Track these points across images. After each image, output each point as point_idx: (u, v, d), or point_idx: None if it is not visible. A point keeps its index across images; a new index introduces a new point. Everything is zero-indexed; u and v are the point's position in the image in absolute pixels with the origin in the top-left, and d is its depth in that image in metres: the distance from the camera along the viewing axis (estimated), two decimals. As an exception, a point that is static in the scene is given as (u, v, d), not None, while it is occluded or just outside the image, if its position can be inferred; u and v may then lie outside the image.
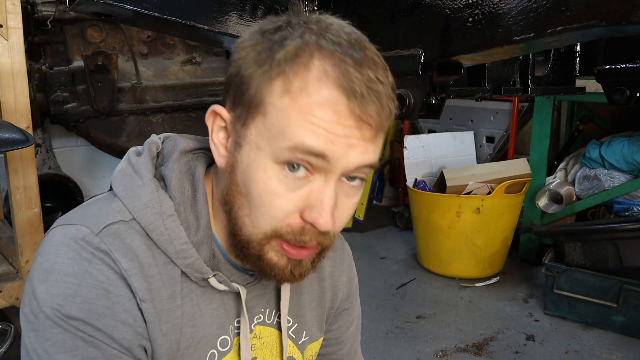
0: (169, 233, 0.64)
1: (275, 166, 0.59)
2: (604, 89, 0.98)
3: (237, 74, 0.61)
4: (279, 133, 0.58)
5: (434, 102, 0.77)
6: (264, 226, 0.61)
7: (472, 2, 0.63)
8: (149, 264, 0.63)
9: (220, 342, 0.71)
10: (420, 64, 0.72)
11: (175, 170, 0.67)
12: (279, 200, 0.59)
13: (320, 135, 0.56)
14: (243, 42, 0.62)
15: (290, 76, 0.57)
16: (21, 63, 1.93)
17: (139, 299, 0.61)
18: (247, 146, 0.61)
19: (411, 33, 0.73)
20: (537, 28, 0.56)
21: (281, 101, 0.58)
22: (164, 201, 0.65)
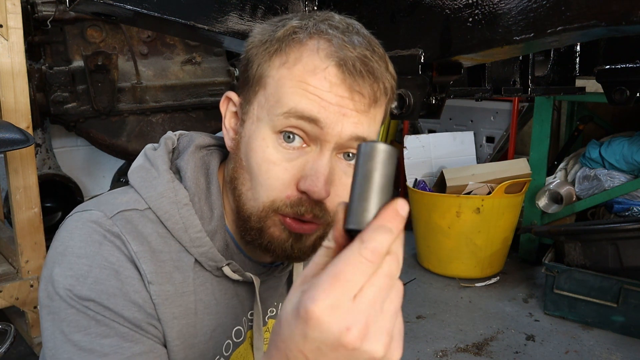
0: (184, 222, 0.66)
1: (273, 135, 0.62)
2: (604, 89, 0.97)
3: (245, 57, 0.66)
4: (276, 102, 0.61)
5: (434, 102, 0.77)
6: (262, 198, 0.63)
7: (472, 2, 0.63)
8: (161, 250, 0.64)
9: (235, 332, 0.72)
10: (420, 64, 0.72)
11: (191, 163, 0.69)
12: (275, 168, 0.62)
13: (313, 101, 0.59)
14: (253, 31, 0.66)
15: (287, 50, 0.61)
16: (21, 63, 1.93)
17: (147, 281, 0.62)
18: (250, 120, 0.64)
19: (411, 33, 0.73)
20: (537, 28, 0.56)
21: (279, 72, 0.62)
22: (179, 191, 0.67)
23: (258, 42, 0.64)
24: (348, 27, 0.62)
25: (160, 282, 0.63)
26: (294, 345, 0.42)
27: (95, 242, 0.62)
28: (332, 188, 0.62)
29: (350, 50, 0.59)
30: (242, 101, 0.67)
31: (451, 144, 3.45)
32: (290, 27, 0.62)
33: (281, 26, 0.63)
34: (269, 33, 0.64)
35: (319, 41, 0.61)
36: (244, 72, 0.66)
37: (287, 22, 0.63)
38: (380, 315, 0.42)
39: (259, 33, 0.65)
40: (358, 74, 0.59)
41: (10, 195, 1.99)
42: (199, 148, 0.72)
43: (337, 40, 0.60)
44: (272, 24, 0.65)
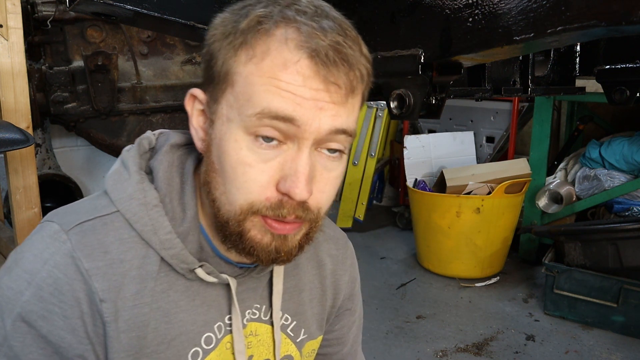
0: (152, 223, 0.63)
1: (247, 137, 0.58)
2: (604, 89, 0.97)
3: (208, 52, 0.61)
4: (247, 101, 0.57)
5: (434, 102, 0.77)
6: (239, 201, 0.59)
7: (472, 2, 0.63)
8: (120, 259, 0.62)
9: (205, 339, 0.69)
10: (420, 64, 0.71)
11: (164, 162, 0.67)
12: (251, 170, 0.58)
13: (287, 98, 0.56)
14: (214, 22, 0.62)
15: (253, 43, 0.57)
16: (21, 63, 1.93)
17: (98, 299, 0.60)
18: (219, 121, 0.60)
19: (411, 33, 0.73)
20: (537, 28, 0.56)
21: (246, 68, 0.57)
22: (148, 192, 0.64)
23: (220, 34, 0.60)
24: (317, 11, 0.58)
25: (113, 298, 0.61)
26: None
27: (44, 259, 0.60)
28: (314, 185, 0.60)
29: (321, 38, 0.55)
30: (208, 99, 0.62)
31: (451, 144, 3.45)
32: (254, 16, 0.57)
33: (244, 15, 0.58)
34: (232, 24, 0.59)
35: (286, 30, 0.56)
36: (208, 67, 0.62)
37: (251, 11, 0.58)
38: None
39: (221, 24, 0.61)
40: (332, 64, 0.56)
41: (10, 195, 1.99)
42: (175, 147, 0.69)
43: (306, 28, 0.56)
44: (235, 13, 0.60)
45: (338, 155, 0.62)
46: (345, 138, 0.60)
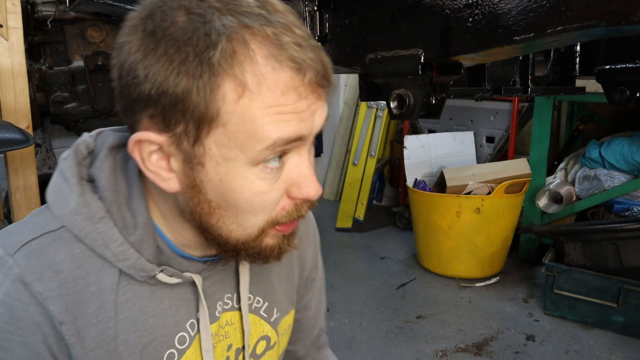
0: (102, 237, 0.60)
1: (254, 169, 0.56)
2: (604, 89, 0.97)
3: (163, 93, 0.53)
4: (250, 137, 0.54)
5: (434, 102, 0.77)
6: (258, 223, 0.60)
7: (472, 2, 0.63)
8: (74, 277, 0.60)
9: (178, 339, 0.68)
10: (420, 64, 0.71)
11: (105, 169, 0.63)
12: (267, 196, 0.58)
13: (292, 121, 0.55)
14: (142, 57, 0.53)
15: (239, 75, 0.52)
16: (21, 63, 1.93)
17: (57, 322, 0.58)
18: (212, 162, 0.56)
19: (411, 33, 0.73)
20: (537, 28, 0.56)
21: (240, 105, 0.53)
22: (92, 204, 0.61)
23: (180, 73, 0.52)
24: (258, 4, 0.54)
25: (72, 319, 0.59)
26: None
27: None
28: None
29: (290, 41, 0.53)
30: (173, 139, 0.56)
31: (451, 144, 3.45)
32: (224, 44, 0.51)
33: (205, 44, 0.51)
34: (196, 59, 0.51)
35: (261, 47, 0.52)
36: (171, 108, 0.54)
37: (211, 38, 0.51)
38: None
39: (164, 58, 0.52)
40: (311, 67, 0.54)
41: (10, 195, 1.99)
42: (114, 149, 0.65)
43: (276, 37, 0.52)
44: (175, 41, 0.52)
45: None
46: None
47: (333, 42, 0.85)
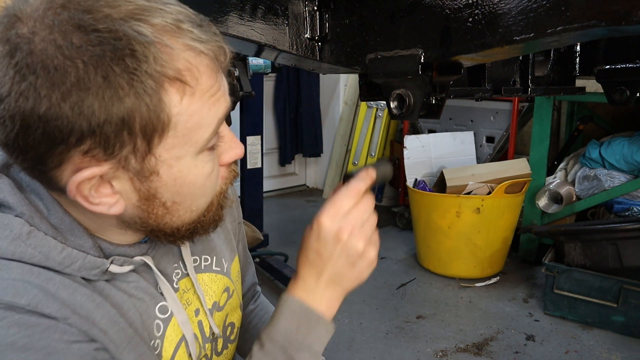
0: (39, 251, 0.56)
1: (202, 155, 0.59)
2: (604, 89, 0.97)
3: (105, 123, 0.49)
4: (198, 129, 0.56)
5: (434, 102, 0.77)
6: (208, 200, 0.64)
7: (472, 2, 0.63)
8: (47, 278, 0.56)
9: (159, 309, 0.68)
10: (420, 64, 0.71)
11: (5, 187, 0.58)
12: (214, 174, 0.62)
13: (221, 99, 0.58)
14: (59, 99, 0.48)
15: (176, 75, 0.52)
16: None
17: (62, 319, 0.56)
18: (164, 167, 0.56)
19: (411, 33, 0.73)
20: (537, 28, 0.56)
21: (184, 103, 0.53)
22: (12, 223, 0.56)
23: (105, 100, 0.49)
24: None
25: (71, 311, 0.57)
26: (310, 245, 0.69)
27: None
28: None
29: (196, 30, 0.54)
30: (114, 165, 0.53)
31: (451, 144, 3.45)
32: (152, 55, 0.50)
33: (128, 56, 0.49)
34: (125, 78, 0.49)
35: (178, 39, 0.52)
36: (114, 135, 0.51)
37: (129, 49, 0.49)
38: (361, 228, 0.69)
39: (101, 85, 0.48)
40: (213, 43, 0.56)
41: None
42: (4, 167, 0.61)
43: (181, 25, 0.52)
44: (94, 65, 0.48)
45: None
46: None
47: (333, 42, 0.85)
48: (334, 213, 0.67)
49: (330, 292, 0.70)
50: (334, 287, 0.70)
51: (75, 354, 0.55)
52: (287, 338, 0.69)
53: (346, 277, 0.70)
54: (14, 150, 0.52)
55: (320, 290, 0.70)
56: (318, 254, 0.69)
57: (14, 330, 0.52)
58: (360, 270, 0.70)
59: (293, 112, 4.60)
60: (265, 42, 0.81)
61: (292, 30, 0.84)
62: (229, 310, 0.84)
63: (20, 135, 0.50)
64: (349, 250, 0.68)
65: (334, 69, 0.90)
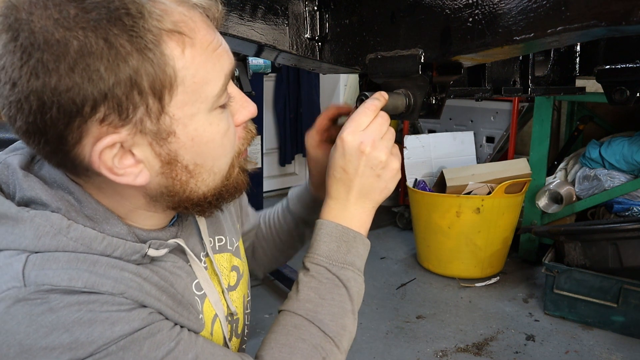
0: (81, 243, 0.57)
1: (215, 112, 0.59)
2: (604, 89, 0.97)
3: (115, 85, 0.50)
4: (205, 84, 0.56)
5: (434, 102, 0.77)
6: (228, 162, 0.64)
7: (472, 2, 0.63)
8: (93, 261, 0.57)
9: (195, 286, 0.70)
10: (420, 64, 0.72)
11: (36, 185, 0.59)
12: (230, 131, 0.62)
13: (223, 54, 0.58)
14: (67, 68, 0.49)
15: (173, 27, 0.53)
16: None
17: (119, 294, 0.56)
18: (180, 126, 0.56)
19: (411, 33, 0.73)
20: (537, 28, 0.56)
21: (186, 56, 0.54)
22: (51, 219, 0.56)
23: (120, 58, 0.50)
24: None
25: (125, 287, 0.58)
26: (336, 163, 0.73)
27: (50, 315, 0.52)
28: None
29: None
30: (132, 131, 0.54)
31: (451, 144, 3.45)
32: (146, 11, 0.51)
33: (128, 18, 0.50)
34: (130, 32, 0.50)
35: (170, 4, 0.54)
36: (127, 99, 0.52)
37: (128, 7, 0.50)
38: (381, 140, 0.72)
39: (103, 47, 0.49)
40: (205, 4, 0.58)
41: (10, 195, 1.99)
42: (26, 167, 0.61)
43: None
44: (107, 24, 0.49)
45: None
46: None
47: (333, 42, 0.85)
48: (354, 129, 0.71)
49: (361, 207, 0.75)
50: (364, 202, 0.74)
51: (136, 319, 0.56)
52: (329, 258, 0.73)
53: (373, 189, 0.73)
54: (34, 134, 0.53)
55: (352, 207, 0.74)
56: (344, 170, 0.72)
57: (75, 308, 0.53)
58: (386, 181, 0.73)
59: (293, 112, 4.60)
60: (265, 42, 0.81)
61: (292, 30, 0.84)
62: (244, 290, 0.84)
63: (38, 116, 0.51)
64: (372, 161, 0.71)
65: (334, 69, 0.90)
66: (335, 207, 0.74)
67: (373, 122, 0.72)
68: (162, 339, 0.57)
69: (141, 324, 0.56)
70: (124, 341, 0.54)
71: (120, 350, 0.54)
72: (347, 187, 0.73)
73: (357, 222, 0.75)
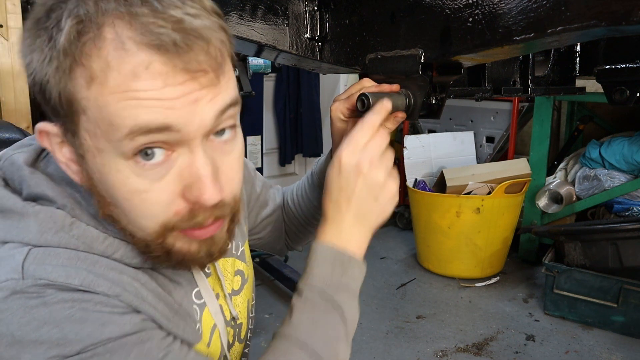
0: (83, 241, 0.57)
1: (127, 162, 0.51)
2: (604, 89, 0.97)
3: (35, 84, 0.51)
4: (109, 126, 0.49)
5: (434, 102, 0.77)
6: (149, 226, 0.55)
7: (472, 2, 0.63)
8: (93, 261, 0.57)
9: (195, 294, 0.69)
10: (420, 64, 0.72)
11: (42, 182, 0.59)
12: (148, 196, 0.53)
13: (151, 107, 0.48)
14: (24, 46, 0.52)
15: (84, 61, 0.48)
16: (21, 63, 1.93)
17: (114, 296, 0.56)
18: (89, 154, 0.53)
19: (411, 33, 0.73)
20: (537, 28, 0.56)
21: (90, 92, 0.48)
22: (55, 216, 0.57)
23: (39, 61, 0.50)
24: None
25: (121, 289, 0.57)
26: (333, 183, 0.70)
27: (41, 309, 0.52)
28: (221, 178, 0.55)
29: (160, 24, 0.47)
30: (62, 131, 0.54)
31: (451, 144, 3.45)
32: (69, 26, 0.47)
33: (56, 28, 0.48)
34: (48, 45, 0.49)
35: (115, 30, 0.47)
36: (44, 100, 0.52)
37: (61, 19, 0.48)
38: (379, 160, 0.69)
39: (32, 46, 0.50)
40: (186, 50, 0.48)
41: (10, 195, 1.99)
42: (31, 164, 0.61)
43: (138, 19, 0.47)
44: (41, 28, 0.49)
45: (232, 134, 0.57)
46: (233, 109, 0.55)
47: (333, 42, 0.85)
48: (352, 148, 0.68)
49: (357, 230, 0.71)
50: (361, 224, 0.71)
51: (128, 324, 0.56)
52: (323, 282, 0.69)
53: (370, 212, 0.70)
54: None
55: (348, 229, 0.70)
56: (341, 190, 0.69)
57: (69, 304, 0.54)
58: (384, 204, 0.71)
59: (293, 112, 4.59)
60: (265, 42, 0.81)
61: (292, 30, 0.84)
62: (248, 295, 0.83)
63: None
64: (370, 181, 0.68)
65: (334, 69, 0.90)
66: (330, 229, 0.70)
67: (372, 140, 0.69)
68: (151, 348, 0.56)
69: (132, 329, 0.56)
70: (112, 344, 0.54)
71: (108, 353, 0.53)
72: (344, 208, 0.70)
73: (353, 245, 0.71)
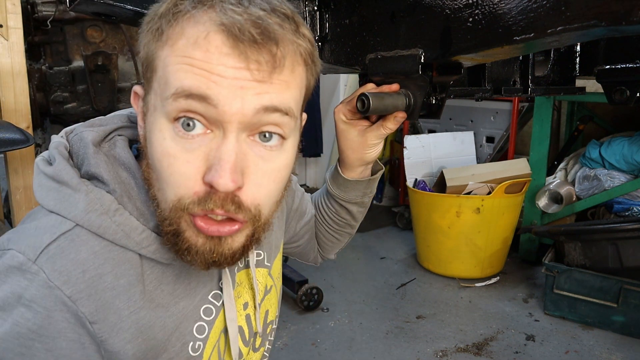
0: (122, 229, 0.59)
1: (169, 125, 0.55)
2: (604, 89, 0.97)
3: (139, 44, 0.60)
4: (165, 84, 0.55)
5: (434, 102, 0.77)
6: (170, 196, 0.56)
7: (472, 2, 0.63)
8: (99, 274, 0.58)
9: (204, 312, 0.69)
10: (420, 64, 0.71)
11: (102, 164, 0.62)
12: (176, 162, 0.55)
13: (200, 76, 0.52)
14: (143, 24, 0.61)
15: (169, 26, 0.55)
16: (21, 63, 1.93)
17: (88, 322, 0.56)
18: (149, 111, 0.58)
19: (411, 33, 0.73)
20: (537, 28, 0.56)
21: (163, 52, 0.56)
22: (103, 199, 0.59)
23: (145, 24, 0.59)
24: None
25: (103, 317, 0.57)
26: None
27: (15, 295, 0.54)
28: (248, 177, 0.55)
29: (238, 14, 0.52)
30: (144, 92, 0.60)
31: (451, 144, 3.45)
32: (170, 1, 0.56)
33: (161, 4, 0.58)
34: (153, 11, 0.58)
35: (202, 10, 0.54)
36: (142, 65, 0.60)
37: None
38: None
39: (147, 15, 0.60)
40: (250, 40, 0.52)
41: (10, 195, 1.99)
42: (97, 144, 0.64)
43: (223, 5, 0.53)
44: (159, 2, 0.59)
45: (277, 144, 0.58)
46: (281, 118, 0.56)
47: (333, 42, 0.85)
48: None
49: None
50: None
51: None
52: None
53: None
54: None
55: None
56: None
57: (29, 316, 0.54)
58: None
59: (293, 112, 4.59)
60: (265, 42, 0.81)
61: (292, 30, 0.84)
62: (268, 306, 0.84)
63: None
64: None
65: (334, 68, 0.89)
66: None
67: None
68: None
69: None
70: None
71: None
72: None
73: None
